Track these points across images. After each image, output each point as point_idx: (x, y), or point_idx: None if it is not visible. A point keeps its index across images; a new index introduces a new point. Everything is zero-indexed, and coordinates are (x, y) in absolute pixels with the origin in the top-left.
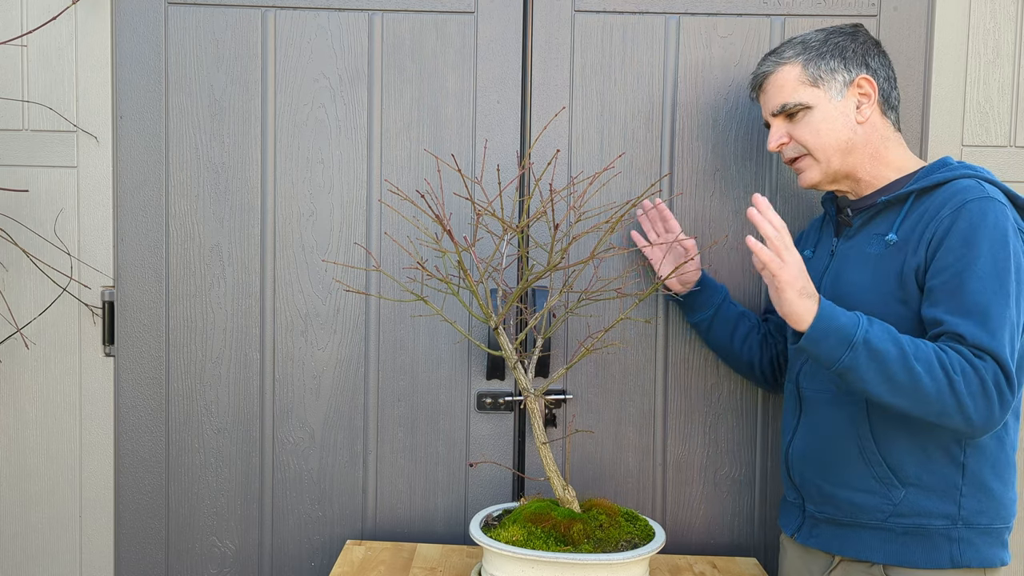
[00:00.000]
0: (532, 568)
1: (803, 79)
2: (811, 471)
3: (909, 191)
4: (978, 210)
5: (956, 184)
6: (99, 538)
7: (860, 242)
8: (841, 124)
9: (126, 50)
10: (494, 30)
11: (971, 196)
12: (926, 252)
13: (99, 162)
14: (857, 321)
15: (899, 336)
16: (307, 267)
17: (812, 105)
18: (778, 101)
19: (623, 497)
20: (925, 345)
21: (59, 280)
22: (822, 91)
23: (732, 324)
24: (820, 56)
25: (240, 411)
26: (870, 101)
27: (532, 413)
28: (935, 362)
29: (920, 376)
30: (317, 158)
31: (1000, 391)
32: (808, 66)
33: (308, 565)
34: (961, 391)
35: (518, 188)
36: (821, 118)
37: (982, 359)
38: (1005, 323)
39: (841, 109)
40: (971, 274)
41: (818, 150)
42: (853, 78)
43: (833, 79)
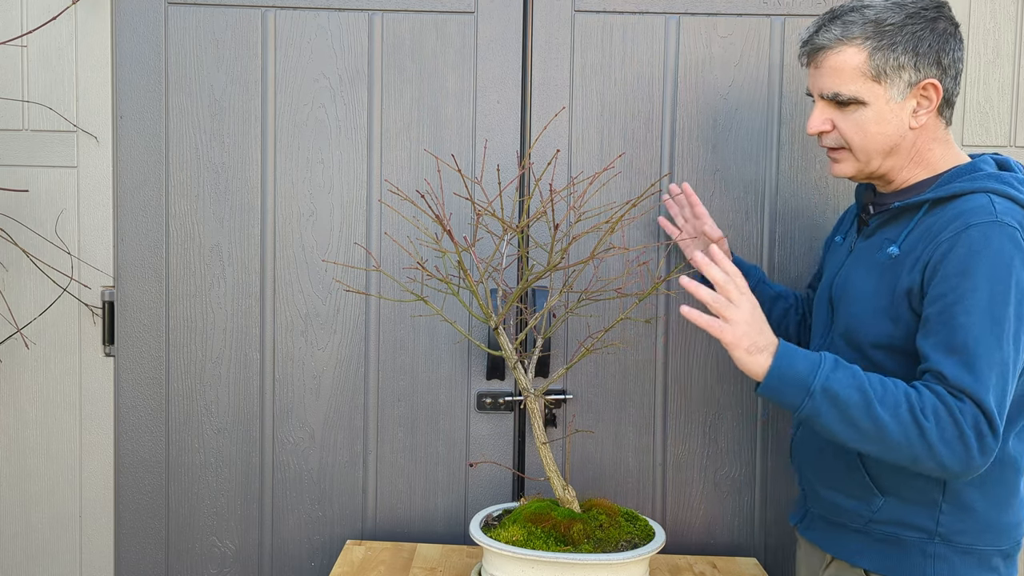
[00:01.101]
0: (532, 568)
1: (865, 70)
2: (807, 467)
3: (923, 200)
4: (980, 237)
5: (967, 201)
6: (99, 538)
7: (873, 245)
8: (893, 128)
9: (126, 50)
10: (494, 30)
11: (976, 220)
12: (921, 275)
13: (99, 162)
14: (818, 367)
15: (866, 380)
16: (307, 267)
17: (868, 102)
18: (831, 87)
19: (623, 497)
20: (896, 387)
21: (59, 280)
22: (882, 88)
23: (767, 308)
24: (891, 47)
25: (240, 411)
26: (930, 106)
27: (532, 413)
28: (903, 407)
29: (885, 423)
30: (317, 158)
31: (980, 436)
32: (875, 56)
33: (308, 565)
34: (932, 438)
35: (518, 188)
36: (874, 118)
37: (961, 401)
38: (993, 363)
39: (897, 112)
40: (962, 308)
41: (861, 151)
42: (920, 80)
43: (898, 78)
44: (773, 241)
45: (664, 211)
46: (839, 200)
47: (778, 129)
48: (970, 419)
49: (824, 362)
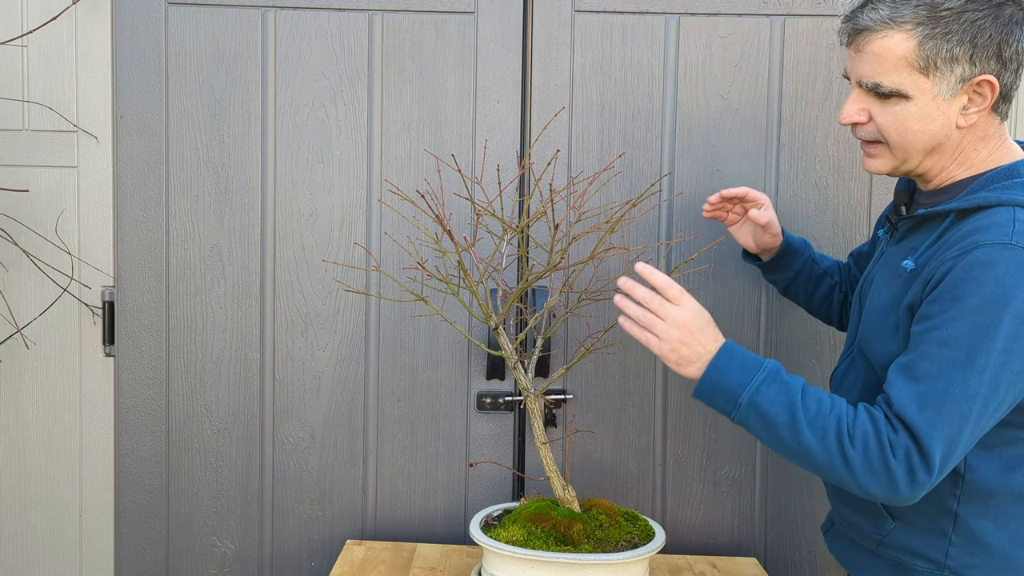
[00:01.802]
0: (532, 568)
1: (912, 60)
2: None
3: (949, 210)
4: (983, 260)
5: (989, 215)
6: (99, 538)
7: (898, 253)
8: (938, 126)
9: (126, 50)
10: (494, 30)
11: (985, 240)
12: (923, 291)
13: (99, 162)
14: (749, 380)
15: (800, 398)
16: (307, 267)
17: (912, 96)
18: (871, 76)
19: (623, 497)
20: (832, 409)
21: (59, 280)
22: (929, 83)
23: (812, 286)
24: (946, 35)
25: (240, 411)
26: (984, 104)
27: (532, 413)
28: (831, 433)
29: (810, 446)
30: (317, 158)
31: (911, 471)
32: (925, 45)
33: (308, 565)
34: (856, 467)
35: (518, 188)
36: (917, 114)
37: (896, 433)
38: (952, 399)
39: (944, 109)
40: (938, 336)
41: (899, 148)
42: (975, 76)
43: (950, 72)
44: None
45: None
46: (839, 200)
47: (778, 129)
48: (901, 453)
49: (759, 375)
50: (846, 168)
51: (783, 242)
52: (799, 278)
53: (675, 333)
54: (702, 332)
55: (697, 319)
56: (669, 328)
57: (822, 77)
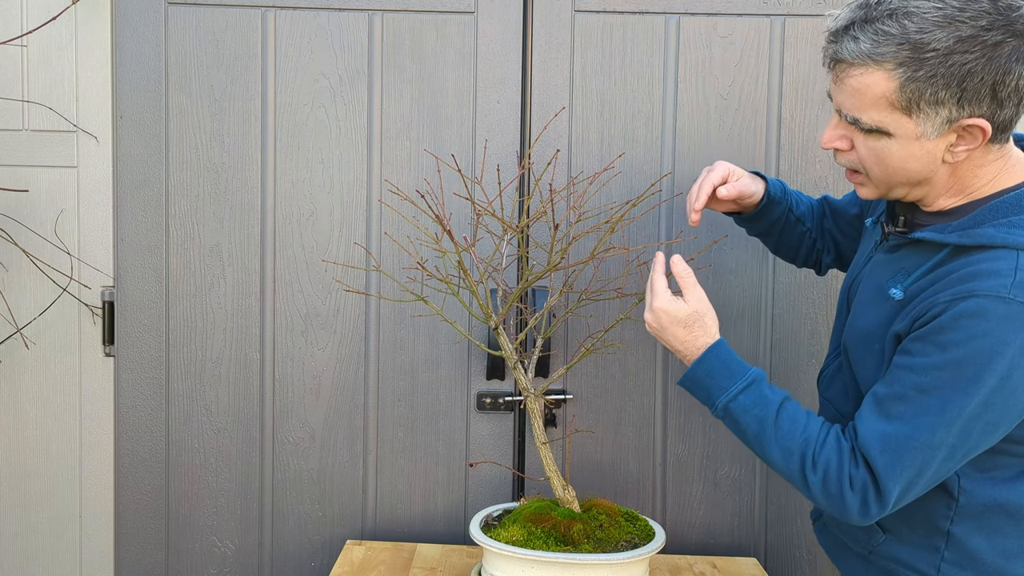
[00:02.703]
0: (532, 568)
1: (893, 100)
2: None
3: (945, 243)
4: (975, 311)
5: (989, 259)
6: (99, 538)
7: (888, 266)
8: (921, 165)
9: (126, 50)
10: (494, 30)
11: (981, 289)
12: (911, 326)
13: (99, 162)
14: (730, 386)
15: (774, 414)
16: (307, 267)
17: (893, 134)
18: (850, 110)
19: (623, 497)
20: (803, 431)
21: (59, 280)
22: (912, 123)
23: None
24: (930, 79)
25: (240, 411)
26: (975, 143)
27: (532, 413)
28: (796, 455)
29: (774, 461)
30: (317, 158)
31: (864, 504)
32: (907, 87)
33: (308, 565)
34: (814, 489)
35: (518, 188)
36: (898, 152)
37: (856, 467)
38: (919, 447)
39: (928, 148)
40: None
41: (881, 181)
42: (962, 117)
43: (935, 114)
44: None
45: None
46: None
47: (778, 129)
48: (859, 486)
49: (739, 382)
50: None
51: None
52: (773, 227)
53: (649, 316)
54: (666, 330)
55: (659, 318)
56: (647, 312)
57: (822, 77)
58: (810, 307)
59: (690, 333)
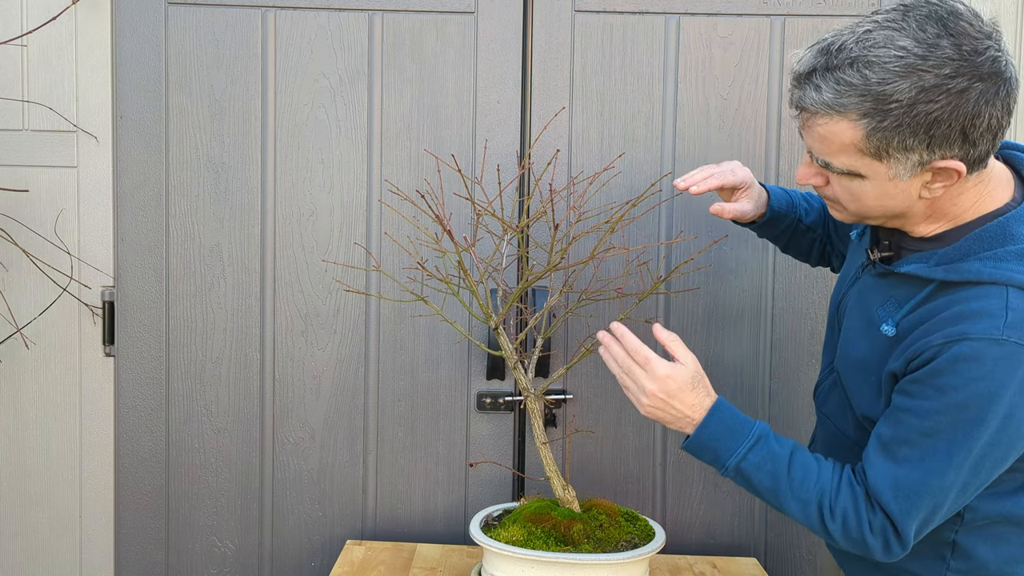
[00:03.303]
0: (532, 568)
1: (862, 148)
2: None
3: (932, 279)
4: (970, 355)
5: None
6: (99, 538)
7: (877, 293)
8: (898, 201)
9: (126, 50)
10: (494, 30)
11: (973, 332)
12: (906, 366)
13: (99, 162)
14: (737, 447)
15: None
16: (307, 267)
17: (865, 176)
18: (821, 155)
19: (623, 497)
20: (818, 479)
21: (59, 280)
22: (884, 166)
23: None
24: (896, 128)
25: (240, 411)
26: (951, 181)
27: (532, 413)
28: (813, 505)
29: (792, 512)
30: (317, 158)
31: (886, 545)
32: (873, 136)
33: (308, 565)
34: (835, 536)
35: (518, 188)
36: (872, 191)
37: (873, 512)
38: (930, 489)
39: (903, 187)
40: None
41: (856, 215)
42: (933, 160)
43: (906, 159)
44: None
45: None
46: None
47: (778, 129)
48: (879, 530)
49: (746, 441)
50: None
51: (768, 207)
52: (778, 238)
53: (645, 400)
54: (675, 397)
55: (666, 386)
56: (639, 394)
57: None
58: (810, 307)
59: (697, 395)
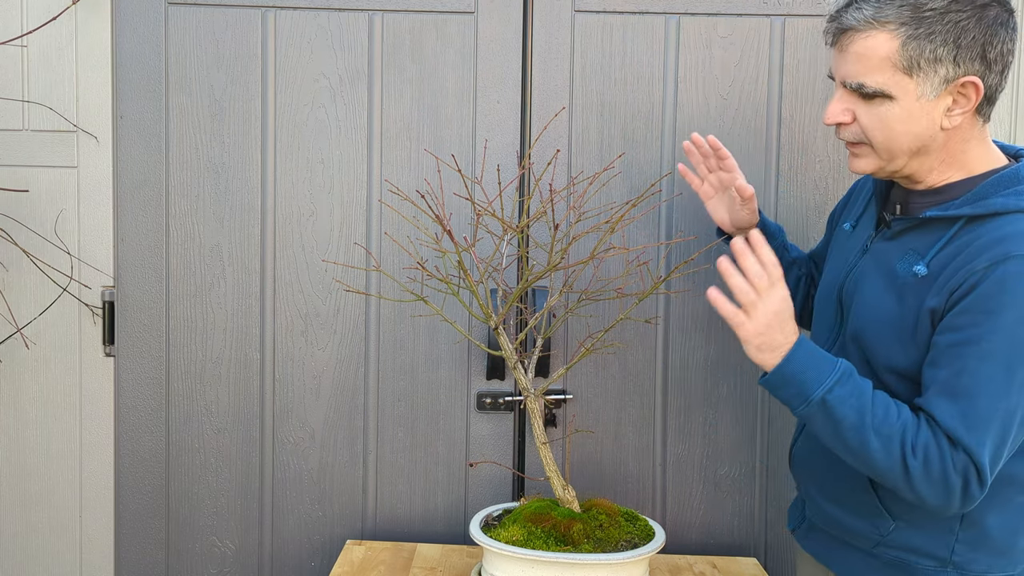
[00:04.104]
0: (532, 568)
1: (896, 61)
2: (808, 479)
3: (959, 215)
4: (1016, 273)
5: (1010, 223)
6: (99, 538)
7: (893, 252)
8: (922, 127)
9: (126, 50)
10: (494, 30)
11: (1016, 251)
12: (947, 299)
13: (99, 162)
14: (825, 377)
15: (870, 403)
16: (307, 267)
17: (895, 97)
18: (855, 76)
19: (623, 497)
20: (898, 417)
21: (59, 280)
22: (913, 83)
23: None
24: (929, 36)
25: (240, 411)
26: (968, 105)
27: (532, 413)
28: (896, 441)
29: (873, 451)
30: (317, 158)
31: (967, 485)
32: (908, 45)
33: (308, 565)
34: (915, 477)
35: (518, 188)
36: (900, 115)
37: (955, 449)
38: (996, 412)
39: (928, 110)
40: (976, 350)
41: (884, 149)
42: (958, 77)
43: (934, 73)
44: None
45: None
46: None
47: (778, 129)
48: (960, 467)
49: (833, 375)
50: (846, 168)
51: (759, 222)
52: None
53: (765, 319)
54: (787, 323)
55: (788, 307)
56: (766, 311)
57: (822, 77)
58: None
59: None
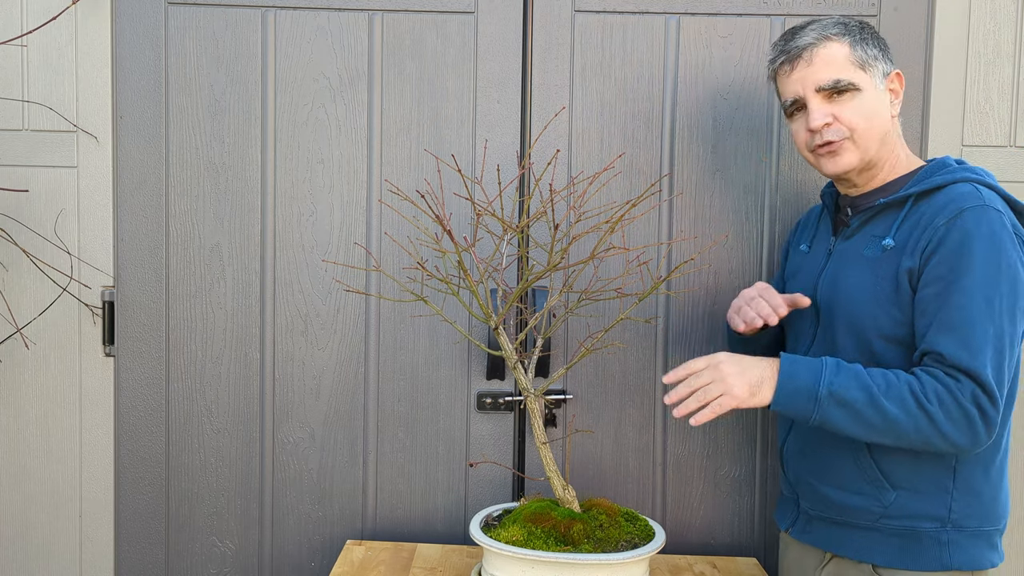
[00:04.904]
0: (532, 568)
1: (852, 59)
2: (804, 470)
3: (908, 194)
4: (973, 219)
5: (954, 189)
6: (99, 538)
7: (858, 243)
8: (883, 115)
9: (126, 50)
10: (494, 30)
11: (967, 204)
12: (920, 258)
13: (99, 162)
14: (820, 374)
15: (868, 376)
16: (307, 267)
17: (862, 88)
18: (828, 76)
19: (623, 497)
20: (898, 378)
21: (59, 280)
22: (868, 76)
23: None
24: (864, 41)
25: (240, 411)
26: (898, 98)
27: (532, 413)
28: (908, 397)
29: (894, 415)
30: (317, 158)
31: (982, 410)
32: (856, 48)
33: (308, 565)
34: (939, 420)
35: (518, 188)
36: (870, 103)
37: (958, 381)
38: (988, 337)
39: (882, 100)
40: (958, 287)
41: (863, 136)
42: (891, 71)
43: (876, 67)
44: (773, 241)
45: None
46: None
47: (778, 129)
48: (968, 396)
49: (825, 368)
50: None
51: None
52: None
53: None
54: (747, 360)
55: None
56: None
57: None
58: None
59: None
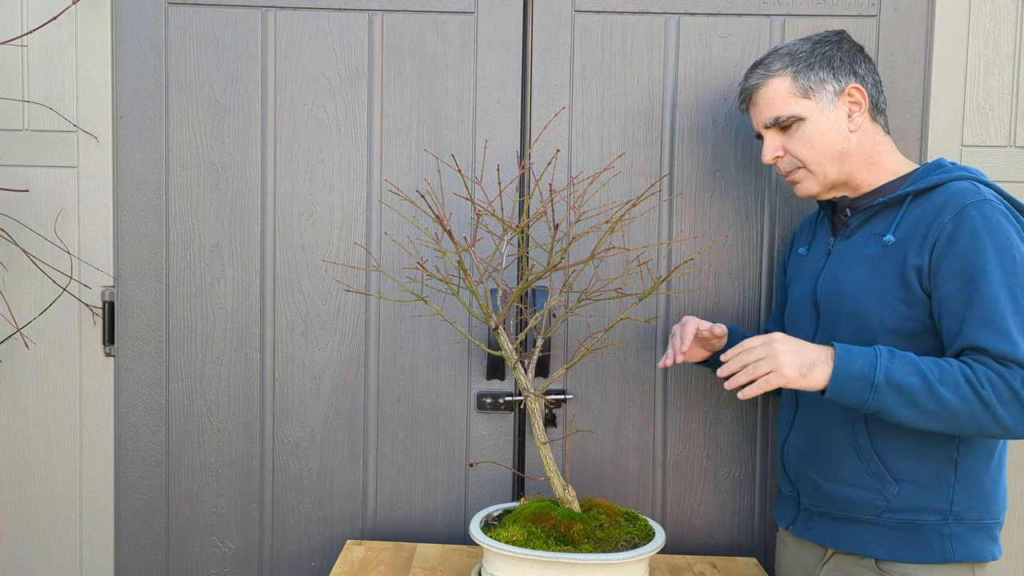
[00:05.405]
0: (532, 568)
1: (793, 91)
2: (806, 466)
3: (906, 193)
4: (979, 213)
5: (953, 186)
6: (99, 538)
7: (857, 242)
8: (835, 134)
9: (126, 50)
10: (494, 30)
11: (969, 199)
12: (929, 255)
13: (99, 162)
14: (875, 360)
15: (921, 363)
16: (307, 267)
17: (805, 117)
18: (769, 114)
19: (623, 497)
20: (949, 365)
21: (59, 280)
22: (814, 102)
23: None
24: (809, 67)
25: (240, 411)
26: (861, 109)
27: (532, 413)
28: (962, 381)
29: (949, 400)
30: (317, 158)
31: None
32: (798, 78)
33: (308, 565)
34: (993, 404)
35: (518, 188)
36: (815, 129)
37: (1008, 367)
38: (1019, 323)
39: (834, 119)
40: (984, 281)
41: (813, 162)
42: (843, 88)
43: (823, 90)
44: (773, 241)
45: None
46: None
47: None
48: (1020, 381)
49: (880, 355)
50: None
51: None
52: None
53: (781, 351)
54: (801, 343)
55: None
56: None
57: None
58: None
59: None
